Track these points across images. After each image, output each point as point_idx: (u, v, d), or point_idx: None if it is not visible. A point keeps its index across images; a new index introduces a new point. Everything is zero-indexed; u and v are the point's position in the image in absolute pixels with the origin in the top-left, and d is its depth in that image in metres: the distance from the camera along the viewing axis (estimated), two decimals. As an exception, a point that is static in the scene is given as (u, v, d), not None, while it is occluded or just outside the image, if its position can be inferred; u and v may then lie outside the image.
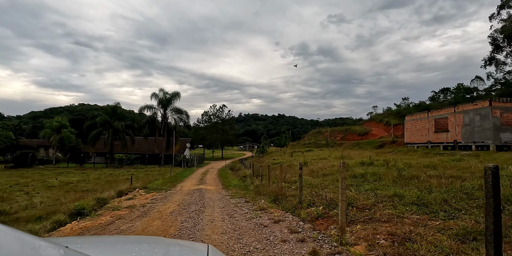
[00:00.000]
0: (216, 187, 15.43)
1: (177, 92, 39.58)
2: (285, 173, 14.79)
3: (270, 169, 22.79)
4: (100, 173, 26.53)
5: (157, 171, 27.66)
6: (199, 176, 22.98)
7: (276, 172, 18.76)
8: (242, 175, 20.57)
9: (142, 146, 46.02)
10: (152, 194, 11.65)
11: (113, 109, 39.73)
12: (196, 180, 19.21)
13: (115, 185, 15.78)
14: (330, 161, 19.22)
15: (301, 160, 23.46)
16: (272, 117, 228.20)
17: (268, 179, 11.83)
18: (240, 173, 23.92)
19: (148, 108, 38.40)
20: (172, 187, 15.05)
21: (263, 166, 24.68)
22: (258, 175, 16.81)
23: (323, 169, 15.28)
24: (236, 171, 27.81)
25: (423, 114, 25.26)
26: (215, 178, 21.32)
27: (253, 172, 18.67)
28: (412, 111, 71.29)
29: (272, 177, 16.81)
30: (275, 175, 17.36)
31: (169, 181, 18.11)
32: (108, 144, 37.56)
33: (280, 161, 28.20)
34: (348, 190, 7.76)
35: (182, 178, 20.45)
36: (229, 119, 68.01)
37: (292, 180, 13.41)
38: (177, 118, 39.83)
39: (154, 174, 24.48)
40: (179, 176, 22.71)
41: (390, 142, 55.12)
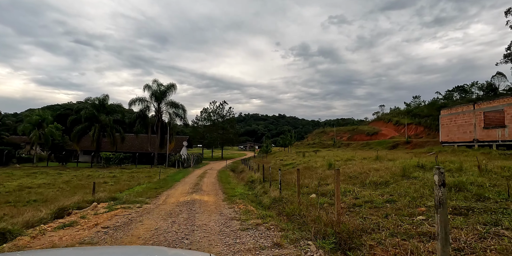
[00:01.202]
0: (215, 197, 11.24)
1: (172, 84, 35.41)
2: (319, 180, 10.62)
3: (283, 172, 18.61)
4: (78, 174, 22.31)
5: (146, 172, 23.44)
6: (195, 179, 18.78)
7: (293, 177, 14.56)
8: (248, 179, 16.38)
9: (134, 144, 41.80)
10: (115, 212, 7.44)
11: (101, 102, 35.51)
12: (190, 186, 15.01)
13: (82, 192, 11.63)
14: (361, 162, 15.03)
15: (319, 161, 19.30)
16: (272, 117, 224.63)
17: (298, 191, 7.61)
18: (244, 176, 19.73)
19: (139, 101, 34.14)
20: (154, 197, 10.84)
21: (272, 168, 20.53)
22: (271, 180, 12.63)
23: (362, 174, 11.10)
24: (239, 173, 23.59)
25: (467, 107, 21.05)
26: (214, 182, 17.11)
27: (263, 176, 14.46)
28: (424, 110, 67.27)
29: (290, 183, 12.67)
30: (293, 180, 13.18)
31: (155, 187, 13.89)
32: (94, 141, 33.33)
33: (291, 161, 24.02)
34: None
35: (172, 183, 16.23)
36: (230, 117, 63.72)
37: (327, 189, 9.24)
38: (172, 113, 35.63)
39: (140, 176, 20.28)
40: (169, 179, 18.50)
41: (404, 142, 51.02)
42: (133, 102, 33.71)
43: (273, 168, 21.76)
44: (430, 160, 13.13)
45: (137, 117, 33.95)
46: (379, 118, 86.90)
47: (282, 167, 21.49)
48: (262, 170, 17.35)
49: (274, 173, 17.15)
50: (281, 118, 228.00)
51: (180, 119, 36.39)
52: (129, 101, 33.69)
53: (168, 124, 35.13)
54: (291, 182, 12.62)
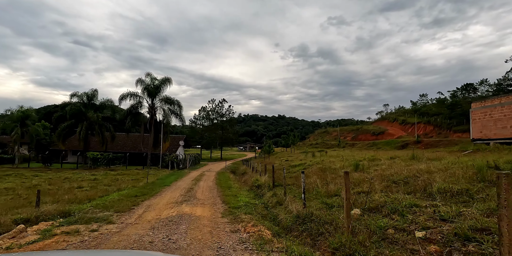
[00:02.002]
0: (212, 209, 8.34)
1: (167, 78, 32.37)
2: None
3: (294, 175, 15.70)
4: (55, 176, 19.33)
5: (134, 175, 20.48)
6: (189, 183, 15.84)
7: (311, 180, 11.63)
8: (253, 183, 13.46)
9: (127, 143, 38.85)
10: (47, 242, 4.53)
11: (89, 98, 32.52)
12: (181, 192, 12.07)
13: (44, 200, 8.72)
14: (393, 162, 12.10)
15: (335, 161, 16.38)
16: (272, 118, 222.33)
17: (346, 209, 4.66)
18: (247, 179, 16.81)
19: (131, 96, 31.12)
20: (128, 210, 7.90)
21: (279, 169, 17.64)
22: (285, 185, 9.75)
23: (411, 178, 8.21)
24: (241, 176, 20.66)
25: (506, 98, 18.09)
26: (211, 187, 14.17)
27: (273, 180, 11.52)
28: (432, 108, 64.50)
29: (309, 189, 9.76)
30: (312, 185, 10.26)
31: (135, 194, 10.94)
32: (81, 140, 30.33)
33: (299, 162, 21.09)
34: None
35: (160, 188, 13.28)
36: (229, 116, 60.69)
37: (374, 200, 6.33)
38: (167, 109, 32.60)
39: (125, 180, 17.33)
40: (158, 183, 15.55)
41: (414, 142, 48.16)
42: (124, 98, 30.65)
43: (280, 169, 18.86)
44: (506, 160, 10.25)
45: (127, 113, 30.93)
46: (383, 117, 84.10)
47: (291, 169, 18.59)
48: (271, 172, 14.50)
49: (281, 175, 14.28)
50: (281, 119, 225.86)
51: (176, 116, 33.38)
52: (119, 96, 30.74)
53: (163, 122, 32.15)
54: (310, 187, 9.71)
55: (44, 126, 42.73)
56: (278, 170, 18.69)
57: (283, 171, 9.31)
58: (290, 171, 17.73)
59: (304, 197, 6.85)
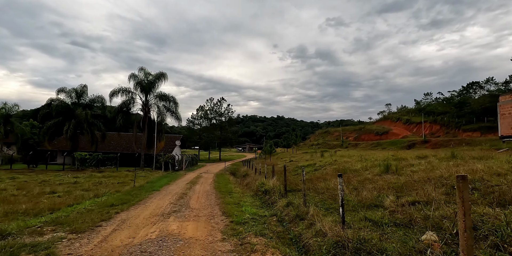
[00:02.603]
0: (209, 226, 6.18)
1: (162, 73, 30.18)
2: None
3: (299, 175, 13.55)
4: (32, 179, 17.06)
5: (122, 177, 18.24)
6: (183, 187, 13.65)
7: (327, 184, 9.49)
8: (258, 187, 11.29)
9: (120, 143, 36.56)
10: None
11: (78, 94, 30.25)
12: (172, 199, 9.89)
13: None
14: (429, 163, 9.96)
15: (351, 161, 14.22)
16: (271, 119, 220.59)
17: (463, 241, 2.42)
18: (250, 182, 14.64)
19: (123, 92, 28.88)
20: (92, 227, 5.71)
21: (281, 170, 15.56)
22: (304, 191, 7.67)
23: (483, 183, 6.08)
24: (242, 178, 18.48)
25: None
26: (208, 192, 11.99)
27: (285, 184, 9.33)
28: (438, 107, 62.47)
29: (333, 196, 7.63)
30: (331, 190, 8.15)
31: (112, 203, 8.73)
32: (68, 139, 28.05)
33: (308, 163, 18.93)
34: None
35: (147, 193, 11.08)
36: (228, 115, 58.43)
37: (448, 216, 4.10)
38: (162, 106, 30.39)
39: (110, 183, 15.11)
40: (147, 187, 13.35)
41: (421, 142, 46.13)
42: (115, 94, 28.42)
43: (289, 171, 16.69)
44: None
45: (118, 111, 28.63)
46: (386, 117, 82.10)
47: (298, 170, 16.43)
48: (279, 173, 12.43)
49: (294, 178, 12.12)
50: (280, 120, 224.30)
51: (171, 114, 31.16)
52: (110, 92, 28.47)
53: (157, 119, 29.95)
54: (334, 194, 7.58)
55: (33, 126, 40.29)
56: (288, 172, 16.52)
57: (302, 172, 7.11)
58: (298, 172, 15.59)
59: (343, 212, 4.68)
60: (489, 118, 41.63)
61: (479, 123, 42.93)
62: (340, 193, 4.73)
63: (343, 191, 4.75)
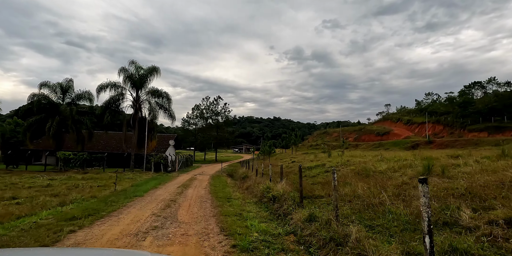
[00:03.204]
0: (202, 254, 4.14)
1: (155, 67, 28.05)
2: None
3: (307, 178, 11.56)
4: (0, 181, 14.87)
5: (106, 179, 16.12)
6: (172, 191, 11.61)
7: (346, 190, 7.47)
8: (263, 193, 9.29)
9: (110, 143, 34.34)
10: None
11: (63, 89, 28.01)
12: (156, 208, 7.85)
13: None
14: (477, 162, 8.08)
15: (369, 161, 12.29)
16: (267, 120, 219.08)
17: None
18: (251, 186, 12.61)
19: (111, 87, 26.70)
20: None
21: (288, 172, 13.69)
22: (312, 196, 5.74)
23: None
24: (241, 181, 16.45)
25: None
26: (203, 197, 9.97)
27: (301, 190, 7.31)
28: (440, 107, 61.05)
29: (350, 200, 5.59)
30: (366, 198, 6.17)
31: (75, 215, 6.65)
32: (51, 137, 25.78)
33: (315, 163, 16.96)
34: None
35: (126, 200, 9.02)
36: (225, 114, 56.32)
37: None
38: (154, 103, 28.27)
39: (89, 186, 13.00)
40: (131, 191, 11.28)
41: (425, 142, 44.44)
42: (103, 89, 26.22)
43: (291, 172, 14.74)
44: None
45: (106, 106, 26.39)
46: (385, 118, 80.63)
47: (306, 172, 14.49)
48: (288, 176, 10.50)
49: (296, 179, 10.11)
50: (276, 121, 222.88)
51: (164, 111, 29.03)
52: (97, 87, 26.25)
53: (149, 117, 27.82)
54: (357, 203, 5.64)
55: (17, 124, 37.93)
56: (290, 173, 14.59)
57: (333, 175, 5.11)
58: (306, 174, 13.64)
59: (431, 244, 2.70)
60: (496, 118, 40.12)
61: (486, 123, 41.43)
62: (425, 210, 2.75)
63: (429, 207, 2.77)
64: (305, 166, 16.44)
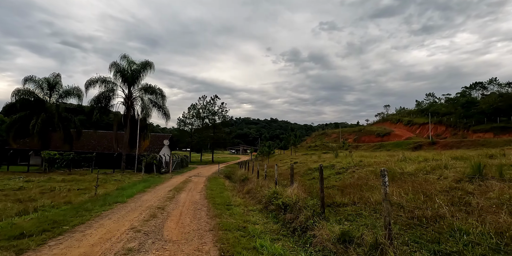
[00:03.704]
0: None
1: (148, 62, 26.40)
2: None
3: (315, 180, 10.01)
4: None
5: (90, 181, 14.44)
6: (162, 196, 10.01)
7: (373, 197, 6.00)
8: (270, 199, 7.74)
9: (101, 142, 32.60)
10: None
11: (50, 85, 26.24)
12: (139, 217, 6.25)
13: None
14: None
15: (389, 162, 10.80)
16: (264, 121, 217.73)
17: None
18: (252, 189, 11.05)
19: (102, 83, 25.01)
20: None
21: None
22: (331, 204, 4.18)
23: None
24: (241, 183, 14.86)
25: None
26: (198, 204, 8.39)
27: (323, 197, 5.77)
28: (442, 108, 59.98)
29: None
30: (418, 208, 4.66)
31: (23, 232, 5.04)
32: (36, 135, 23.99)
33: (318, 164, 15.41)
34: None
35: (104, 208, 7.41)
36: (222, 114, 54.70)
37: None
38: (147, 100, 26.61)
39: (66, 190, 11.36)
40: (113, 196, 9.67)
41: (428, 143, 43.16)
42: (92, 84, 24.50)
43: (296, 174, 13.22)
44: None
45: (95, 102, 24.62)
46: (385, 119, 79.54)
47: (312, 173, 13.01)
48: (299, 178, 9.06)
49: (304, 181, 8.61)
50: (273, 122, 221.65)
51: (158, 109, 27.38)
52: (86, 82, 24.53)
53: (142, 114, 26.15)
54: (413, 224, 4.14)
55: (2, 122, 36.05)
56: (296, 175, 13.06)
57: (383, 178, 3.60)
58: (314, 176, 12.14)
59: None
60: (502, 119, 38.97)
61: (491, 123, 40.26)
62: None
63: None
64: (311, 167, 14.92)
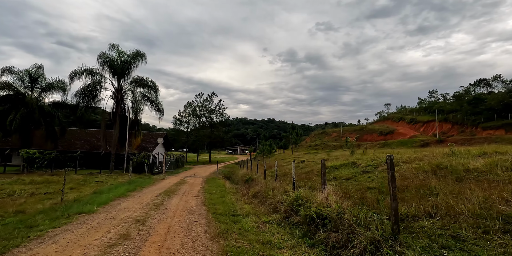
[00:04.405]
0: None
1: (139, 52, 24.10)
2: None
3: (337, 180, 7.90)
4: None
5: (67, 183, 12.16)
6: (147, 202, 7.80)
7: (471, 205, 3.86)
8: (292, 206, 5.59)
9: (90, 140, 30.23)
10: None
11: (32, 78, 23.87)
12: (102, 240, 4.06)
13: None
14: None
15: (430, 159, 8.71)
16: (261, 121, 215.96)
17: None
18: (260, 191, 8.89)
19: (88, 74, 22.68)
20: None
21: (301, 172, 10.18)
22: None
23: None
24: (245, 185, 12.67)
25: None
26: (193, 212, 6.17)
27: (396, 207, 3.65)
28: (446, 106, 58.28)
29: None
30: None
31: None
32: (13, 132, 21.62)
33: (338, 162, 13.32)
34: None
35: (61, 221, 5.21)
36: (219, 111, 52.40)
37: None
38: (139, 94, 24.31)
39: (29, 194, 9.13)
40: (83, 202, 7.45)
41: (435, 142, 41.27)
42: (77, 75, 22.18)
43: (309, 173, 11.13)
44: None
45: (80, 95, 22.24)
46: (386, 117, 77.68)
47: (334, 173, 10.94)
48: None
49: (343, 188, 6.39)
50: (271, 122, 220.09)
51: (151, 104, 25.07)
52: (70, 73, 22.17)
53: (133, 110, 23.87)
54: None
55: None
56: (309, 174, 10.96)
57: None
58: (335, 176, 10.07)
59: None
60: (513, 115, 37.18)
61: (501, 120, 38.50)
62: None
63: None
64: (327, 165, 12.80)
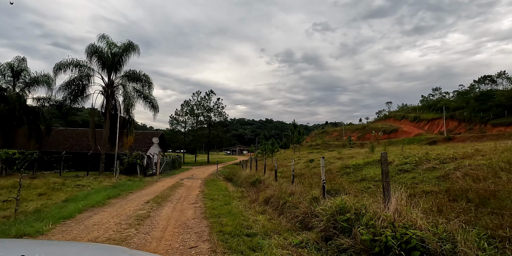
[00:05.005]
0: None
1: (131, 43, 22.17)
2: None
3: (356, 182, 6.07)
4: None
5: (40, 188, 10.20)
6: (129, 214, 5.91)
7: None
8: (339, 223, 3.76)
9: (80, 140, 28.24)
10: None
11: (15, 72, 21.85)
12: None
13: None
14: None
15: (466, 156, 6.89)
16: (259, 122, 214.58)
17: None
18: (273, 197, 7.02)
19: (75, 67, 20.71)
20: None
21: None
22: None
23: None
24: (252, 188, 10.77)
25: None
26: (189, 229, 4.28)
27: None
28: (451, 103, 56.85)
29: None
30: None
31: None
32: (-9, 131, 19.62)
33: (356, 161, 11.51)
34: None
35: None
36: (218, 110, 50.44)
37: None
38: (131, 89, 22.36)
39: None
40: (33, 217, 5.51)
41: (443, 140, 39.66)
42: (62, 68, 20.22)
43: (327, 173, 9.30)
44: None
45: (66, 90, 20.20)
46: (387, 116, 76.21)
47: (355, 173, 9.09)
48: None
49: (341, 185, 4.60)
50: (269, 122, 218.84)
51: (144, 99, 23.10)
52: (55, 66, 20.20)
53: (125, 105, 21.89)
54: None
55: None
56: (327, 174, 9.13)
57: None
58: (364, 176, 8.24)
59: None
60: (525, 111, 35.60)
61: None
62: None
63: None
64: (348, 164, 10.95)
